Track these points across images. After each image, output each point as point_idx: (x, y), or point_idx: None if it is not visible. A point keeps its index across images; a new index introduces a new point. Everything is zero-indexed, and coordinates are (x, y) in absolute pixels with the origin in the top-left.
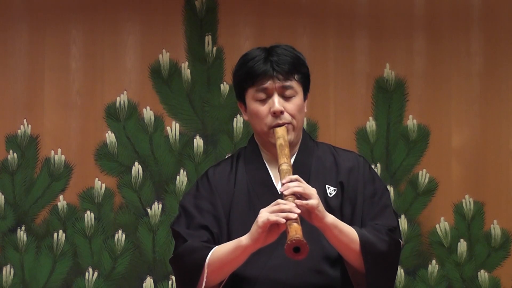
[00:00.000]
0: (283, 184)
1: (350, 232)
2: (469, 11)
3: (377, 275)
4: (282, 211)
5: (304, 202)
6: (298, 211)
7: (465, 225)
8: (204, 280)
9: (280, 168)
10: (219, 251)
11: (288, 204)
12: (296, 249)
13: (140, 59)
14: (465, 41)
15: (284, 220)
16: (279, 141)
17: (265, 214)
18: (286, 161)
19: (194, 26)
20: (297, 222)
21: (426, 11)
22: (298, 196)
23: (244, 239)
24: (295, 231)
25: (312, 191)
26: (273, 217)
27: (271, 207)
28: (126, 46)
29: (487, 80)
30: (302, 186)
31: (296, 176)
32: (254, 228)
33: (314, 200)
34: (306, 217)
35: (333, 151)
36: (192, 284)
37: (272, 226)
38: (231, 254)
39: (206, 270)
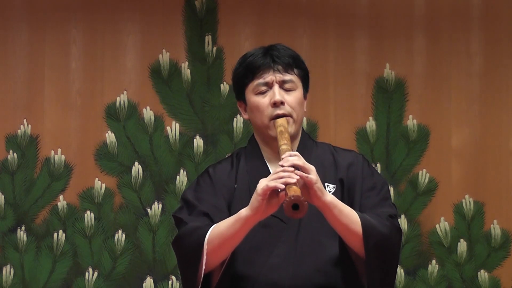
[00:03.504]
0: (282, 159)
1: (351, 213)
2: (469, 11)
3: (377, 260)
4: (281, 177)
5: (304, 174)
6: (297, 177)
7: (465, 225)
8: (205, 258)
9: (280, 148)
10: (219, 227)
11: (287, 172)
12: (295, 206)
13: (140, 59)
14: (465, 41)
15: (283, 186)
16: (279, 129)
17: (264, 182)
18: (286, 142)
19: (194, 26)
20: (295, 186)
21: (426, 11)
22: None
23: (244, 211)
24: (294, 191)
25: (311, 167)
26: (272, 183)
27: (270, 176)
28: (126, 46)
29: (487, 80)
30: (301, 160)
31: (295, 152)
32: (254, 197)
33: (313, 175)
34: (305, 195)
35: (332, 150)
36: (193, 265)
37: (272, 195)
38: (231, 227)
39: (206, 247)
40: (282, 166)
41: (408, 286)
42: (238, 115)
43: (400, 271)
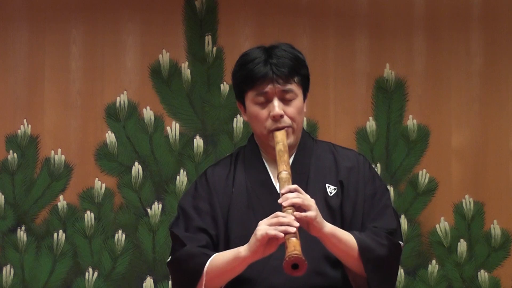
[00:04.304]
0: (282, 195)
1: (349, 239)
2: (469, 11)
3: (378, 280)
4: (281, 224)
5: (303, 214)
6: (297, 224)
7: (465, 225)
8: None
9: (279, 176)
10: (217, 260)
11: (287, 217)
12: (295, 266)
13: (140, 59)
14: (465, 41)
15: (282, 235)
16: (278, 146)
17: (263, 227)
18: (286, 168)
19: (194, 26)
20: (295, 237)
21: (426, 11)
22: (297, 207)
23: (243, 251)
24: (294, 247)
25: (311, 202)
26: (272, 232)
27: (270, 219)
28: (126, 46)
29: (487, 80)
30: (301, 197)
31: (295, 186)
32: (252, 240)
33: (313, 212)
34: (305, 227)
35: (333, 149)
36: None
37: (271, 238)
38: (229, 264)
39: (204, 278)
40: (281, 205)
41: (408, 286)
42: (238, 115)
43: (400, 271)
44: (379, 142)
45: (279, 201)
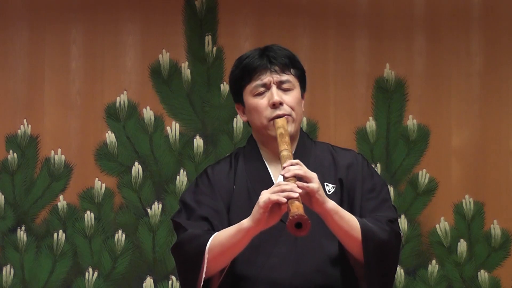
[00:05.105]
0: (284, 168)
1: (351, 219)
2: (469, 11)
3: (376, 265)
4: (284, 191)
5: (305, 184)
6: (299, 190)
7: (465, 225)
8: (205, 266)
9: (281, 154)
10: (220, 236)
11: (289, 184)
12: (298, 225)
13: (140, 59)
14: (465, 41)
15: (285, 200)
16: (279, 131)
17: (266, 195)
18: (287, 147)
19: (194, 26)
20: (298, 201)
21: (426, 11)
22: (299, 179)
23: (245, 222)
24: (297, 208)
25: (313, 175)
26: (274, 196)
27: (272, 188)
28: (126, 46)
29: (487, 80)
30: (303, 169)
31: (297, 161)
32: (255, 209)
33: (315, 184)
34: (307, 203)
35: (332, 149)
36: (193, 272)
37: (274, 207)
38: (232, 238)
39: (206, 256)
40: (284, 176)
41: (408, 286)
42: (238, 115)
43: (400, 271)
44: (379, 142)
45: (281, 172)
